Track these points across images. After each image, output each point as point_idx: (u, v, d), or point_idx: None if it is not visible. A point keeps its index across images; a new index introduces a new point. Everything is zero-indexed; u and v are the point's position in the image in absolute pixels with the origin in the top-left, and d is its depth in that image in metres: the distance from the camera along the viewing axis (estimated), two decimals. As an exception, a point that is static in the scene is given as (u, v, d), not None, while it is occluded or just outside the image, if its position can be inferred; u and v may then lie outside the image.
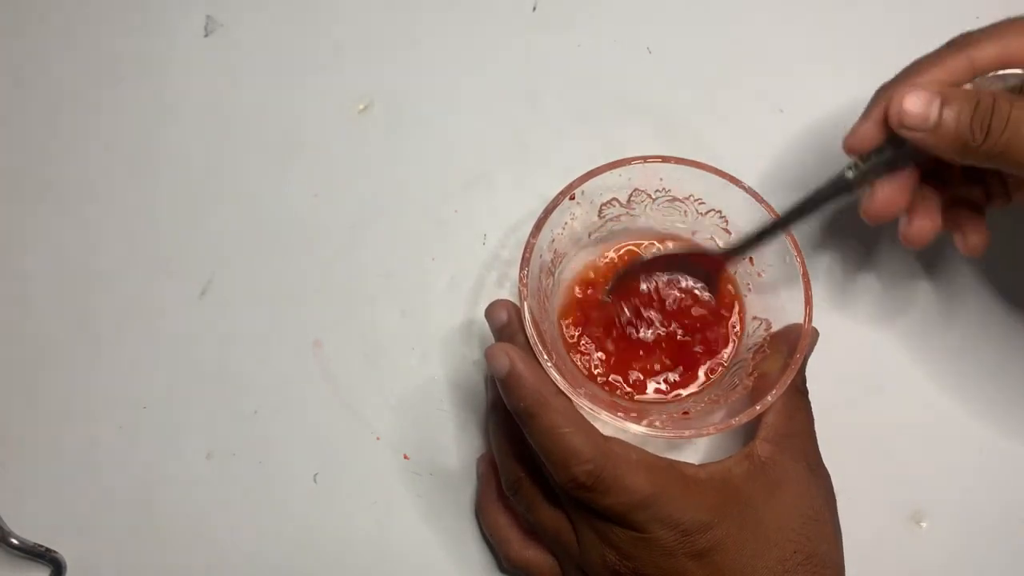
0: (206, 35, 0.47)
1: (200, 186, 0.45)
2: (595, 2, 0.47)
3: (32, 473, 0.42)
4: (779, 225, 0.35)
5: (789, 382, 0.34)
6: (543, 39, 0.46)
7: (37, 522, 0.41)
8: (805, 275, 0.35)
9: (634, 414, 0.35)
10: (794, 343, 0.34)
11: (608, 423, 0.34)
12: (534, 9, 0.47)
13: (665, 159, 0.37)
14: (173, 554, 0.41)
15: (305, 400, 0.42)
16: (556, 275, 0.39)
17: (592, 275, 0.40)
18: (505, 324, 0.35)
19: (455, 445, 0.41)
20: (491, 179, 0.45)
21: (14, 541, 0.40)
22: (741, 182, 0.37)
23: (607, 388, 0.38)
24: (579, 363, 0.39)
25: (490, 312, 0.36)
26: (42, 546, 0.40)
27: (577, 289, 0.40)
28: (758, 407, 0.34)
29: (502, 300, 0.36)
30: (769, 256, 0.37)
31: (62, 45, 0.48)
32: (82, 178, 0.46)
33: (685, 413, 0.37)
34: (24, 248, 0.45)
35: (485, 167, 0.45)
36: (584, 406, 0.33)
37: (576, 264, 0.40)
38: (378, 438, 0.42)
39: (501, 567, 0.39)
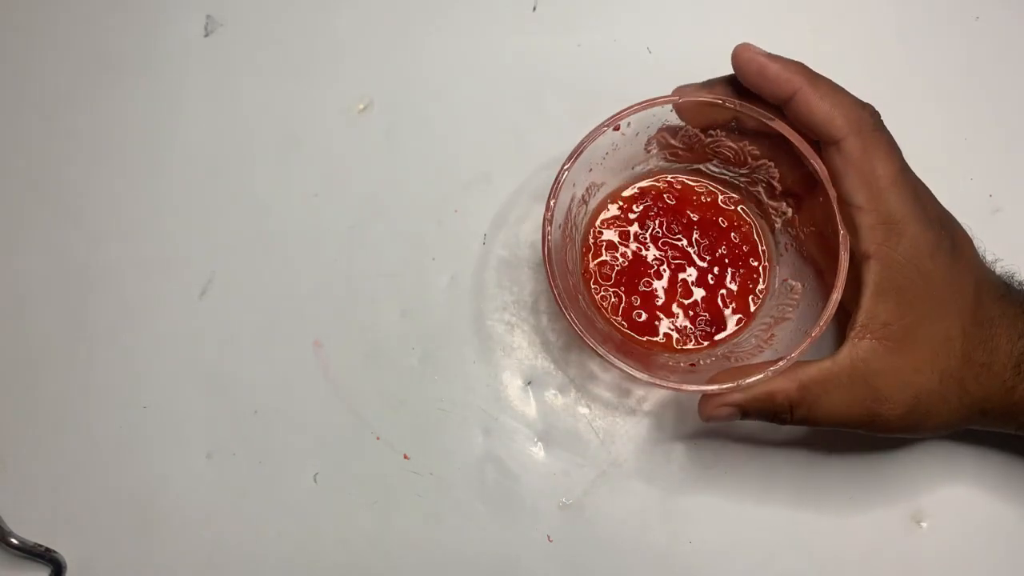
0: (206, 35, 0.47)
1: (200, 186, 0.45)
2: (595, 2, 0.47)
3: (32, 473, 0.42)
4: None
5: (805, 348, 0.33)
6: (543, 39, 0.46)
7: (37, 522, 0.41)
8: (844, 239, 0.33)
9: (642, 358, 0.35)
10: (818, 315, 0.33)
11: (615, 366, 0.34)
12: (534, 9, 0.47)
13: (730, 103, 0.34)
14: (173, 554, 0.41)
15: (305, 400, 0.42)
16: (589, 204, 0.38)
17: (619, 210, 0.39)
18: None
19: (455, 445, 0.41)
20: (491, 179, 0.44)
21: (14, 541, 0.40)
22: (801, 139, 0.34)
23: (623, 327, 0.38)
24: (598, 299, 0.38)
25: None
26: (42, 546, 0.41)
27: (603, 223, 0.39)
28: (770, 371, 0.33)
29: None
30: (811, 218, 0.36)
31: (61, 44, 0.48)
32: (81, 178, 0.46)
33: (692, 365, 0.36)
34: (24, 248, 0.45)
35: (485, 167, 0.45)
36: (595, 348, 0.33)
37: (610, 192, 0.39)
38: (378, 438, 0.42)
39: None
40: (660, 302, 0.38)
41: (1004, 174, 0.43)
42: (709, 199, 0.39)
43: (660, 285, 0.39)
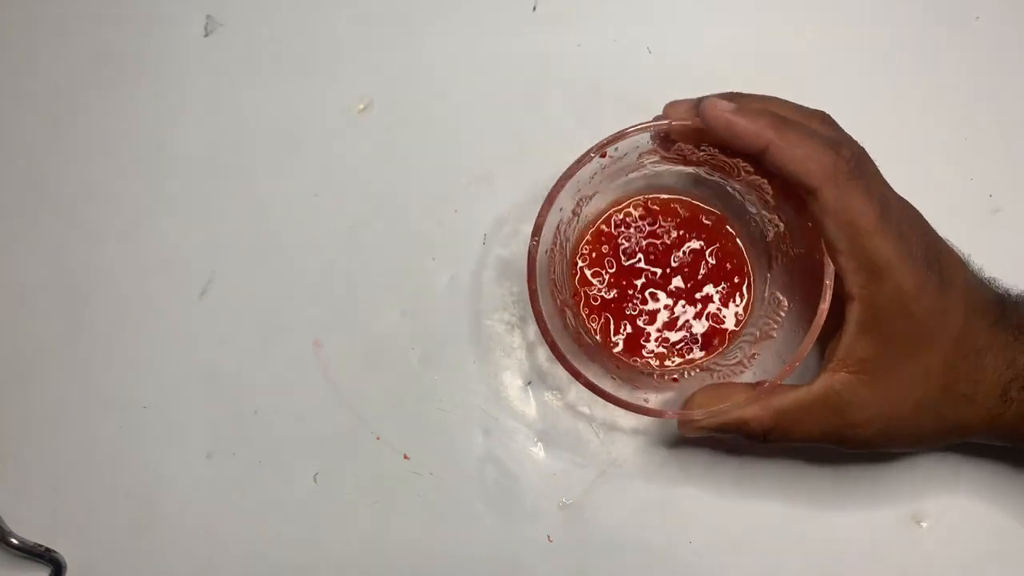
0: (206, 35, 0.47)
1: (200, 186, 0.45)
2: (595, 2, 0.47)
3: (32, 473, 0.42)
4: None
5: (781, 377, 0.33)
6: (543, 39, 0.46)
7: (37, 522, 0.41)
8: (829, 269, 0.33)
9: (627, 377, 0.36)
10: (798, 342, 0.33)
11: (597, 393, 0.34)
12: (534, 9, 0.47)
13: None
14: (173, 554, 0.41)
15: (305, 400, 0.42)
16: (580, 215, 0.39)
17: (604, 229, 0.40)
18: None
19: (455, 445, 0.41)
20: (491, 179, 0.44)
21: (14, 541, 0.40)
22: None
23: (612, 346, 0.39)
24: (585, 317, 0.39)
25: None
26: (42, 546, 0.41)
27: (587, 244, 0.40)
28: (742, 400, 0.33)
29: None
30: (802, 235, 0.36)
31: (61, 44, 0.48)
32: (81, 178, 0.46)
33: (675, 379, 0.37)
34: (24, 248, 0.45)
35: (485, 167, 0.45)
36: (576, 376, 0.34)
37: (600, 206, 0.40)
38: (378, 438, 0.42)
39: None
40: (645, 320, 0.39)
41: (1004, 174, 0.43)
42: (690, 215, 0.40)
43: (643, 303, 0.39)
